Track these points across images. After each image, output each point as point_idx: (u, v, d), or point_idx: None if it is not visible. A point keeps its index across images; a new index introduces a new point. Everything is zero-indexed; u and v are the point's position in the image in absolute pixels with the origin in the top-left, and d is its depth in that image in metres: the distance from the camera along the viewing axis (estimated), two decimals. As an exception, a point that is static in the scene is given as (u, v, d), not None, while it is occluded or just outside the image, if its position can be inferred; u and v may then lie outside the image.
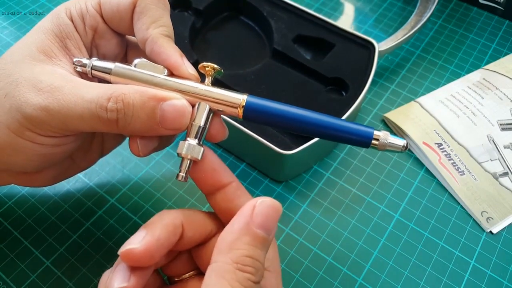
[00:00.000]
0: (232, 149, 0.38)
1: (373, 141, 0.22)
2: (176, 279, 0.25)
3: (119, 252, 0.20)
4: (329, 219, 0.35)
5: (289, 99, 0.36)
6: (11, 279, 0.30)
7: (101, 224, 0.33)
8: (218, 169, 0.24)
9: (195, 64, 0.36)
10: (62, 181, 0.29)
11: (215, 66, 0.24)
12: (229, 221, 0.21)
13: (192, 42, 0.40)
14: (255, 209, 0.20)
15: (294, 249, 0.33)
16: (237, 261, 0.19)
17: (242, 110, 0.23)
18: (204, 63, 0.24)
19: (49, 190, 0.35)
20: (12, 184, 0.30)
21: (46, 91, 0.22)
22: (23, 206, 0.34)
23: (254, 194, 0.35)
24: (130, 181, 0.36)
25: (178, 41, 0.26)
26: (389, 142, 0.22)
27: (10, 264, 0.31)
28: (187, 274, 0.25)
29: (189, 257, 0.25)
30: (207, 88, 0.23)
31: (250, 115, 0.23)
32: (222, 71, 0.24)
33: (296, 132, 0.23)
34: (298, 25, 0.41)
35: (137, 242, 0.20)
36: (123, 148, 0.36)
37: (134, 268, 0.21)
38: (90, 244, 0.32)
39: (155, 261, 0.21)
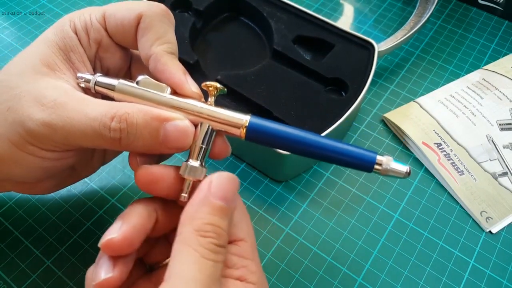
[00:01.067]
0: (232, 149, 0.38)
1: (376, 166, 0.22)
2: (157, 266, 0.26)
3: (99, 245, 0.21)
4: (329, 219, 0.35)
5: (289, 100, 0.36)
6: (11, 278, 0.31)
7: (101, 224, 0.33)
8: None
9: (196, 65, 0.37)
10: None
11: (218, 85, 0.24)
12: None
13: (193, 43, 0.40)
14: (212, 182, 0.21)
15: (294, 249, 0.33)
16: (198, 228, 0.20)
17: (244, 131, 0.23)
18: (207, 82, 0.24)
19: (49, 190, 0.35)
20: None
21: (49, 106, 0.22)
22: (24, 206, 0.34)
23: (254, 194, 0.36)
24: (131, 181, 0.36)
25: (179, 42, 0.26)
26: (391, 168, 0.22)
27: (11, 264, 0.31)
28: (167, 260, 0.25)
29: (167, 244, 0.26)
30: (210, 108, 0.23)
31: (253, 136, 0.23)
32: (225, 90, 0.24)
33: (298, 154, 0.23)
34: (298, 25, 0.41)
35: (115, 232, 0.21)
36: (124, 148, 0.36)
37: (116, 259, 0.21)
38: (91, 244, 0.32)
39: (135, 248, 0.22)
